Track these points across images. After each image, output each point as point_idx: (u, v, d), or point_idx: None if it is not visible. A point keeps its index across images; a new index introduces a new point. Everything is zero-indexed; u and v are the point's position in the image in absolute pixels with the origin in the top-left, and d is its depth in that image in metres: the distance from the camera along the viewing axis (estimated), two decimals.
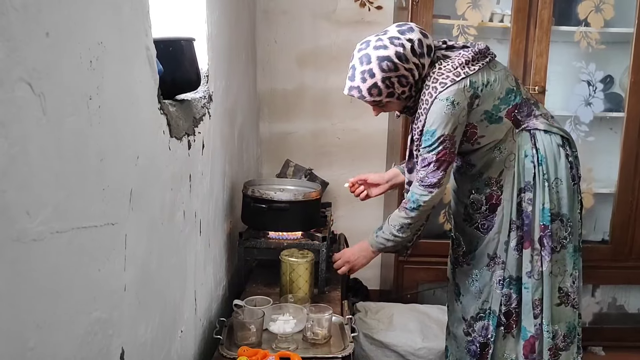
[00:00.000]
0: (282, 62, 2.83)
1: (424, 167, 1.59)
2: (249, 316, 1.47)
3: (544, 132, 1.64)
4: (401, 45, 1.49)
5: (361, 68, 1.51)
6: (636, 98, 2.47)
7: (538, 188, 1.64)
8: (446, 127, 1.53)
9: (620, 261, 2.60)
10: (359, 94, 1.54)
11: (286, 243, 1.85)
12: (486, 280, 1.72)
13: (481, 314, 1.75)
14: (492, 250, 1.69)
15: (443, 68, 1.54)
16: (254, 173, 2.60)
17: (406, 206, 1.63)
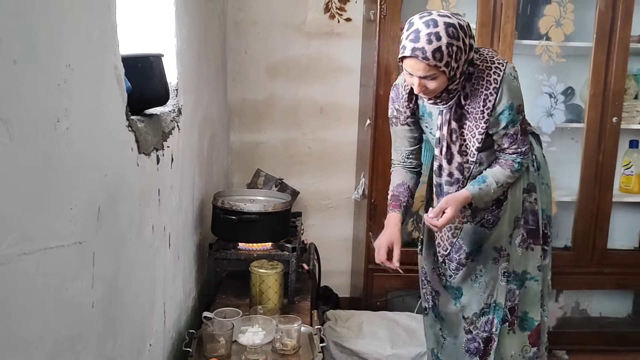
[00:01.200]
0: (252, 72, 2.85)
1: (513, 141, 1.65)
2: (219, 328, 1.49)
3: (534, 139, 1.81)
4: (460, 19, 1.53)
5: (427, 30, 1.48)
6: (595, 109, 2.57)
7: (538, 190, 1.78)
8: (520, 98, 1.65)
9: (582, 267, 2.69)
10: (423, 55, 1.48)
11: (256, 254, 1.87)
12: (492, 274, 1.78)
13: (485, 309, 1.80)
14: (499, 243, 1.78)
15: (486, 54, 1.62)
16: (224, 183, 2.61)
17: (512, 165, 1.67)
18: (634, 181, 2.79)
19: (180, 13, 1.62)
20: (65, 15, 0.78)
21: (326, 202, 2.97)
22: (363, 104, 2.78)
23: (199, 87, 1.94)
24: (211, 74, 2.26)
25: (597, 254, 2.67)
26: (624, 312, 3.08)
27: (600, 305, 3.05)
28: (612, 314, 3.06)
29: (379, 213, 2.52)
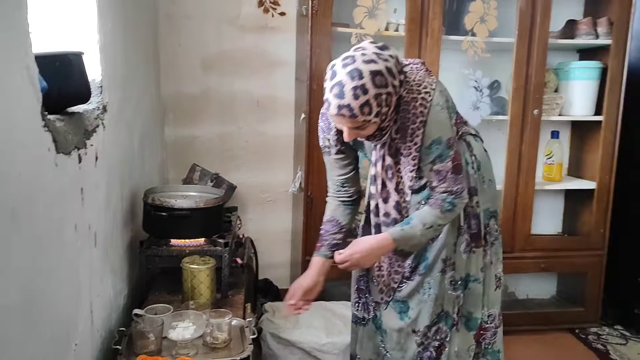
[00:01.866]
0: (187, 66, 2.83)
1: (442, 179, 1.56)
2: (148, 325, 1.49)
3: (473, 138, 1.77)
4: (386, 60, 1.42)
5: (352, 84, 1.37)
6: (518, 102, 2.70)
7: (480, 191, 1.74)
8: (449, 130, 1.54)
9: (508, 252, 2.80)
10: (350, 113, 1.39)
11: (188, 250, 1.87)
12: (441, 286, 1.75)
13: (436, 319, 1.78)
14: (445, 254, 1.73)
15: (416, 80, 1.52)
16: (158, 179, 2.59)
17: (442, 205, 1.57)
18: (555, 170, 2.96)
19: (104, 8, 1.60)
20: None
21: (265, 196, 2.99)
22: (298, 97, 2.82)
23: (127, 83, 1.92)
24: (141, 68, 2.23)
25: (522, 240, 2.82)
26: (549, 294, 3.26)
27: (527, 288, 3.22)
28: (538, 296, 3.24)
29: (316, 206, 2.57)
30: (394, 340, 1.81)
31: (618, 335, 2.94)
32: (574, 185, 2.96)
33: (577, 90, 2.84)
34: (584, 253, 2.91)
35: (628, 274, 2.97)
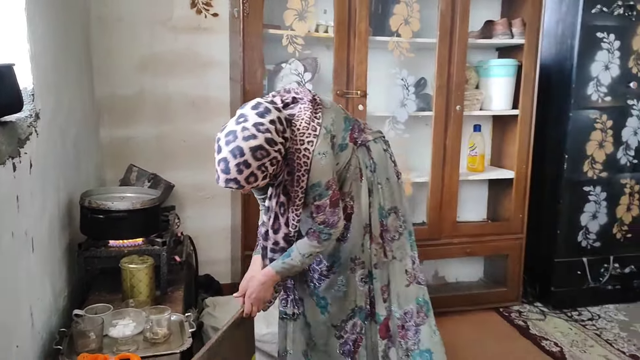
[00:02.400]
0: (120, 68, 2.84)
1: (321, 213, 1.70)
2: (89, 324, 1.55)
3: (373, 142, 1.90)
4: (267, 130, 1.52)
5: (235, 161, 1.49)
6: (441, 99, 2.87)
7: (374, 191, 1.89)
8: (328, 174, 1.68)
9: (435, 240, 3.01)
10: (237, 185, 1.53)
11: (127, 250, 1.93)
12: (352, 283, 1.91)
13: (351, 314, 1.93)
14: (354, 254, 1.88)
15: (301, 129, 1.64)
16: (95, 181, 2.60)
17: (318, 236, 1.73)
18: (478, 161, 3.17)
19: (33, 16, 1.62)
20: None
21: (202, 194, 3.05)
22: (233, 97, 2.88)
23: (60, 89, 1.94)
24: (74, 72, 2.25)
25: (448, 227, 3.01)
26: (476, 276, 3.49)
27: (456, 272, 3.43)
28: (467, 279, 3.46)
29: (253, 202, 2.64)
30: (318, 335, 1.96)
31: (537, 311, 3.19)
32: (496, 175, 3.18)
33: (496, 87, 3.05)
34: (505, 237, 3.14)
35: (545, 255, 3.22)
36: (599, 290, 3.25)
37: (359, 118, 2.53)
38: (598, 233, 3.18)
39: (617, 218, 3.20)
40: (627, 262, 3.27)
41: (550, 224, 3.16)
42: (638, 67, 3.03)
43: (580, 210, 3.13)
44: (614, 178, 3.14)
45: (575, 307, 3.23)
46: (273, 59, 2.76)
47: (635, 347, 2.78)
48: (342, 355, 1.98)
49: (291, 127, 1.64)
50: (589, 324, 3.05)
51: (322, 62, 2.81)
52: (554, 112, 3.09)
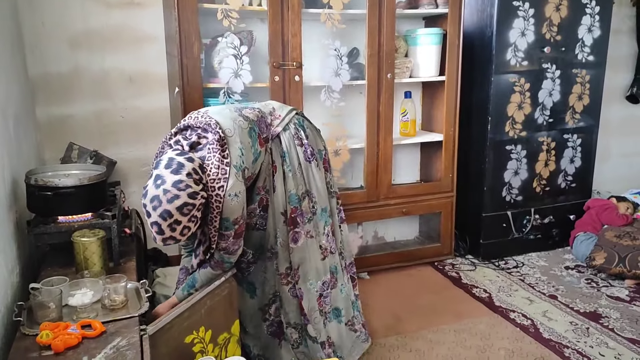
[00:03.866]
0: (52, 45, 2.81)
1: (224, 240, 1.84)
2: (47, 295, 1.61)
3: (282, 131, 2.05)
4: (187, 186, 1.64)
5: (166, 223, 1.61)
6: (373, 68, 3.01)
7: (287, 179, 2.05)
8: (238, 212, 1.81)
9: (374, 201, 3.19)
10: (174, 241, 1.67)
11: (77, 225, 1.98)
12: (270, 269, 2.12)
13: (272, 298, 2.15)
14: (269, 244, 2.09)
15: (211, 174, 1.75)
16: (35, 160, 2.60)
17: (221, 265, 1.90)
18: (410, 126, 3.35)
19: None
20: None
21: (145, 169, 3.07)
22: (171, 71, 2.91)
23: None
24: (6, 51, 2.23)
25: (384, 190, 3.20)
26: (413, 235, 3.72)
27: (394, 231, 3.64)
28: (403, 237, 3.68)
29: None
30: (248, 320, 2.16)
31: (468, 263, 3.46)
32: (427, 138, 3.38)
33: (424, 54, 3.22)
34: (438, 196, 3.37)
35: (474, 211, 3.48)
36: (522, 241, 3.55)
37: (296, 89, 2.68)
38: (520, 188, 3.46)
39: (537, 173, 3.49)
40: (546, 213, 3.59)
41: (478, 181, 3.42)
42: (551, 33, 3.28)
43: (504, 168, 3.39)
44: (532, 137, 3.42)
45: (502, 257, 3.52)
46: (209, 33, 2.80)
47: (554, 288, 3.09)
48: (269, 336, 2.19)
49: (205, 172, 1.75)
50: (514, 271, 3.34)
51: (257, 35, 2.88)
52: (477, 77, 3.31)
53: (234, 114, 1.92)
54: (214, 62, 2.78)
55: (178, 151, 1.75)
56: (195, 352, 1.75)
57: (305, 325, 2.15)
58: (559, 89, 3.40)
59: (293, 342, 2.18)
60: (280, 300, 2.15)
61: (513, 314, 2.78)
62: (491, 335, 2.58)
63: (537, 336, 2.57)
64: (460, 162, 3.34)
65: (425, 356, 2.42)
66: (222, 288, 1.89)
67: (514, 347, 2.47)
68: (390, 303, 2.94)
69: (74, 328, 1.53)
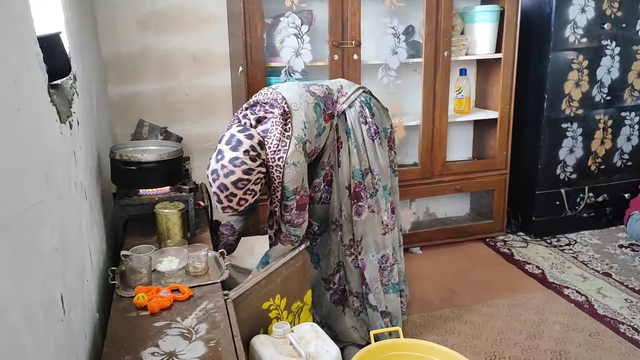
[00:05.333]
0: (122, 26, 2.94)
1: (289, 212, 1.97)
2: (138, 262, 1.76)
3: (348, 108, 2.13)
4: (242, 163, 1.80)
5: (223, 195, 1.82)
6: (430, 46, 3.05)
7: (352, 154, 2.14)
8: (297, 181, 1.93)
9: (427, 178, 3.25)
10: (232, 210, 1.86)
11: (157, 198, 2.12)
12: (335, 241, 2.24)
13: (336, 268, 2.27)
14: (333, 217, 2.20)
15: (272, 147, 1.88)
16: (109, 137, 2.76)
17: (290, 239, 2.03)
18: (465, 103, 3.38)
19: None
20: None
21: (208, 145, 3.22)
22: (233, 50, 3.01)
23: (84, 50, 2.08)
24: (88, 33, 2.36)
25: (438, 166, 3.25)
26: (464, 212, 3.76)
27: (445, 208, 3.70)
28: (454, 214, 3.73)
29: None
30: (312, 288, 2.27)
31: (520, 240, 3.50)
32: (481, 115, 3.40)
33: (480, 32, 3.22)
34: (490, 173, 3.40)
35: (527, 189, 3.50)
36: (575, 218, 3.56)
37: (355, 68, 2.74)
38: (574, 166, 3.46)
39: (592, 151, 3.48)
40: (600, 191, 3.57)
41: (532, 159, 3.43)
42: (612, 9, 3.23)
43: (559, 146, 3.39)
44: (589, 115, 3.39)
45: (554, 234, 3.54)
46: (270, 13, 2.88)
47: (608, 266, 3.10)
48: (333, 304, 2.30)
49: (265, 149, 1.88)
50: (566, 248, 3.36)
51: (317, 14, 2.94)
52: (535, 55, 3.30)
53: (301, 90, 2.04)
54: (276, 42, 2.86)
55: (241, 127, 1.90)
56: (271, 317, 1.88)
57: (366, 294, 2.26)
58: (618, 66, 3.35)
59: (354, 309, 2.29)
60: (344, 269, 2.26)
61: (567, 290, 2.83)
62: (545, 310, 2.63)
63: (592, 312, 2.61)
64: (514, 139, 3.35)
65: (480, 328, 2.50)
66: (297, 259, 2.00)
67: (569, 322, 2.52)
68: (444, 277, 3.02)
69: (165, 292, 1.67)
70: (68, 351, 1.17)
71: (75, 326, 1.27)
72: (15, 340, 0.82)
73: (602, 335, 2.42)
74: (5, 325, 0.78)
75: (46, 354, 0.98)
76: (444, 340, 2.39)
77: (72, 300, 1.26)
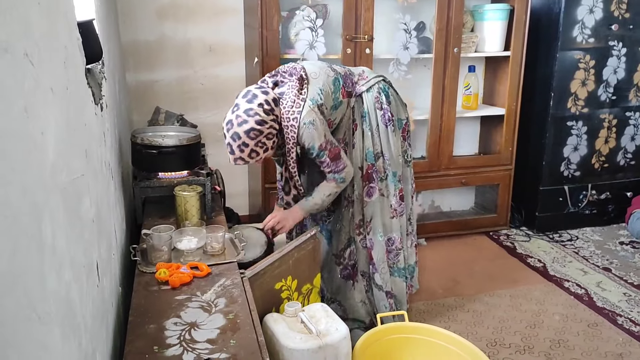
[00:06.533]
0: (142, 14, 3.03)
1: (326, 166, 2.07)
2: (158, 240, 1.84)
3: (366, 92, 2.21)
4: (255, 113, 1.91)
5: (236, 144, 1.92)
6: (441, 42, 3.12)
7: (366, 137, 2.23)
8: (320, 139, 2.02)
9: (434, 171, 3.34)
10: (244, 161, 1.96)
11: (176, 181, 2.21)
12: (346, 217, 2.32)
13: (347, 243, 2.36)
14: (346, 193, 2.28)
15: (287, 107, 1.99)
16: (127, 122, 2.85)
17: (335, 180, 2.11)
18: (473, 99, 3.45)
19: None
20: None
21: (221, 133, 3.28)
22: (249, 42, 3.10)
23: (110, 36, 2.16)
24: (111, 20, 2.45)
25: (445, 160, 3.33)
26: (468, 205, 3.85)
27: (450, 201, 3.78)
28: (459, 207, 3.81)
29: None
30: (324, 263, 2.38)
31: (523, 234, 3.58)
32: (488, 112, 3.48)
33: (490, 29, 3.30)
34: (496, 168, 3.48)
35: (532, 185, 3.57)
36: (578, 215, 3.64)
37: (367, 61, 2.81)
38: (578, 163, 3.53)
39: (596, 150, 3.55)
40: (603, 189, 3.65)
41: (537, 155, 3.50)
42: (619, 11, 3.30)
43: (564, 143, 3.47)
44: (594, 113, 3.47)
45: (557, 230, 3.62)
46: (286, 6, 2.96)
47: (608, 262, 3.18)
48: (342, 279, 2.39)
49: (279, 106, 1.99)
50: (568, 244, 3.45)
51: (331, 8, 3.02)
52: (542, 53, 3.37)
53: (323, 64, 2.17)
54: (291, 34, 2.94)
55: (258, 86, 2.03)
56: (283, 298, 1.96)
57: (372, 274, 2.34)
58: (624, 66, 3.42)
59: (362, 286, 2.38)
60: (354, 245, 2.35)
61: (567, 283, 2.91)
62: (546, 302, 2.72)
63: (591, 304, 2.69)
64: (520, 136, 3.43)
65: (482, 316, 2.58)
66: (308, 243, 2.09)
67: (568, 313, 2.61)
68: (447, 268, 3.10)
69: (184, 268, 1.75)
70: (102, 315, 1.26)
71: (106, 294, 1.36)
72: (68, 293, 0.91)
73: (600, 326, 2.50)
74: (62, 279, 0.87)
75: (87, 311, 1.07)
76: (446, 326, 2.48)
77: (104, 269, 1.35)
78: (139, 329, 1.43)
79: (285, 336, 1.68)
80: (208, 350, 1.33)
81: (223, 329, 1.44)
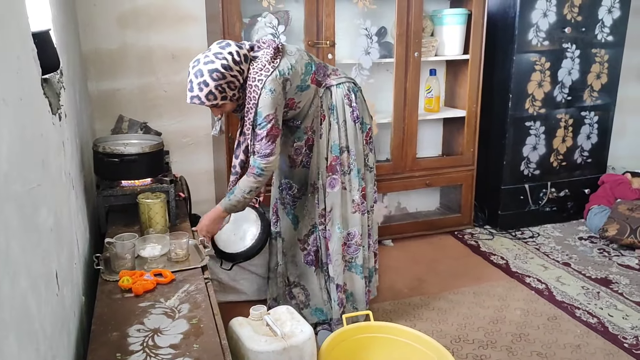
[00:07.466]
0: (103, 23, 3.01)
1: (259, 141, 2.07)
2: (122, 248, 1.85)
3: (336, 86, 2.24)
4: (224, 58, 1.96)
5: (197, 80, 1.94)
6: (401, 46, 3.18)
7: (332, 129, 2.25)
8: (271, 109, 2.04)
9: (399, 174, 3.40)
10: (199, 101, 1.97)
11: (139, 189, 2.21)
12: (312, 203, 2.35)
13: (312, 229, 2.39)
14: (312, 179, 2.32)
15: (256, 67, 2.02)
16: (89, 131, 2.83)
17: (253, 172, 2.10)
18: (434, 102, 3.53)
19: None
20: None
21: (186, 140, 3.31)
22: None
23: (68, 46, 2.15)
24: (71, 29, 2.44)
25: (409, 162, 3.40)
26: (434, 206, 3.92)
27: (416, 202, 3.85)
28: (425, 208, 3.88)
29: None
30: (288, 248, 2.43)
31: (487, 233, 3.67)
32: (450, 114, 3.56)
33: (449, 34, 3.38)
34: (459, 169, 3.56)
35: (493, 184, 3.67)
36: (538, 212, 3.75)
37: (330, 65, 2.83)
38: (538, 162, 3.64)
39: (554, 149, 3.67)
40: (562, 186, 3.77)
41: (497, 156, 3.60)
42: (572, 14, 3.42)
43: (523, 143, 3.57)
44: (551, 114, 3.58)
45: (519, 227, 3.72)
46: (248, 12, 2.99)
47: (568, 257, 3.29)
48: (306, 264, 2.44)
49: (250, 66, 2.04)
50: (530, 241, 3.54)
51: (293, 14, 3.06)
52: (500, 56, 3.47)
53: (301, 49, 2.22)
54: (253, 41, 2.96)
55: (235, 42, 2.06)
56: None
57: (327, 264, 2.37)
58: (578, 68, 3.55)
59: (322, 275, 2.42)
60: (317, 232, 2.37)
61: (528, 279, 2.99)
62: (508, 297, 2.80)
63: (551, 298, 2.78)
64: (481, 137, 3.52)
65: (447, 314, 2.65)
66: None
67: (529, 308, 2.69)
68: (413, 268, 3.16)
69: (148, 275, 1.76)
70: (62, 323, 1.27)
71: (67, 302, 1.37)
72: (24, 300, 0.92)
73: (560, 319, 2.59)
74: (17, 287, 0.88)
75: (46, 320, 1.08)
76: (412, 325, 2.53)
77: (64, 278, 1.35)
78: (101, 337, 1.43)
79: (250, 339, 1.70)
80: (171, 356, 1.35)
81: (186, 334, 1.46)
